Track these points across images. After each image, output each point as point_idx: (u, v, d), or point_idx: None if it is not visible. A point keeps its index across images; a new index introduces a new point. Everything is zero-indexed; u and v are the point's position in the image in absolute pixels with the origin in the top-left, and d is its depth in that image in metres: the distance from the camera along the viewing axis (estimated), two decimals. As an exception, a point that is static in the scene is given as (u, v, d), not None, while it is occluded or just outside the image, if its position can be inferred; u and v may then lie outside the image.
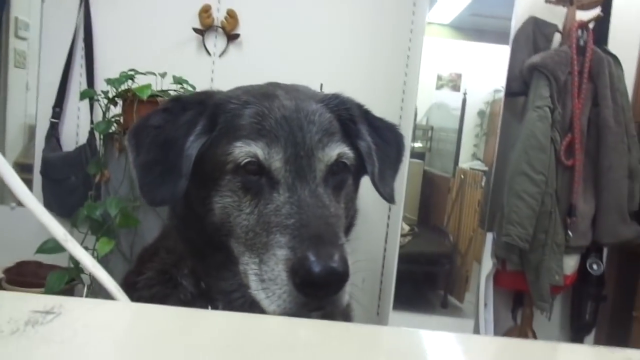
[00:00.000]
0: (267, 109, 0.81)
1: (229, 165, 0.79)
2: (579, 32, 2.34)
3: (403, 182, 2.45)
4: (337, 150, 0.83)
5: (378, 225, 2.79)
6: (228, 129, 0.81)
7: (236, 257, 0.80)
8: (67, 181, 2.50)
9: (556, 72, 2.26)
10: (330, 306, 0.72)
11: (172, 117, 0.84)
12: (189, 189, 0.82)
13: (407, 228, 2.63)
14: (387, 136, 0.98)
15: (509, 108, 2.52)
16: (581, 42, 2.33)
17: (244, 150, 0.77)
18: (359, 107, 0.96)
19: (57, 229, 0.50)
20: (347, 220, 0.90)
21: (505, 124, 2.51)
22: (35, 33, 2.85)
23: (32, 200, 0.50)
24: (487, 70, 2.79)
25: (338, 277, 0.69)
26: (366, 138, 0.93)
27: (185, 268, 0.89)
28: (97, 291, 2.06)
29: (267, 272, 0.72)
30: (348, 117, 0.91)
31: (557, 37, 2.47)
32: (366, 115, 0.97)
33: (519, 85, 2.41)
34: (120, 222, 2.11)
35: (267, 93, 0.86)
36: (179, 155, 0.80)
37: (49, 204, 2.55)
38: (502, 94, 2.51)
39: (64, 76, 2.69)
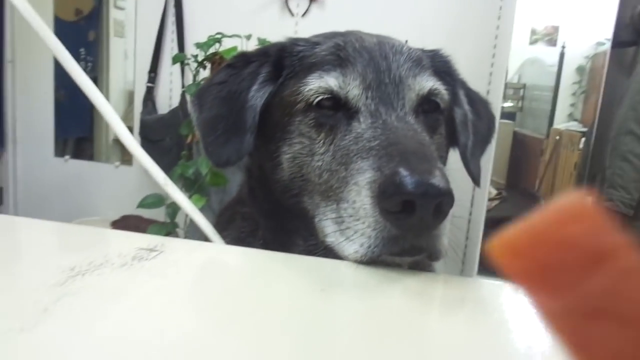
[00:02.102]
0: (342, 42, 0.72)
1: (299, 105, 0.70)
2: None
3: (492, 143, 2.34)
4: (431, 82, 0.72)
5: (463, 188, 2.70)
6: (296, 71, 0.74)
7: (311, 218, 0.69)
8: (162, 142, 2.66)
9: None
10: (428, 244, 0.57)
11: (236, 71, 0.77)
12: (257, 147, 0.75)
13: (494, 192, 2.53)
14: (480, 111, 0.88)
15: (615, 61, 2.29)
16: None
17: (315, 85, 0.68)
18: (457, 71, 0.87)
19: (159, 174, 0.53)
20: None
21: (609, 79, 2.29)
22: (132, 3, 3.01)
23: (138, 150, 0.54)
24: (588, 21, 2.54)
25: (439, 195, 0.53)
26: (463, 106, 0.84)
27: (260, 238, 0.81)
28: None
29: (347, 209, 0.60)
30: (445, 70, 0.82)
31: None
32: (463, 83, 0.87)
33: (629, 34, 2.18)
34: (210, 180, 2.23)
35: (340, 32, 0.79)
36: (242, 108, 0.73)
37: (147, 164, 2.74)
38: (605, 47, 2.28)
39: (158, 42, 2.83)
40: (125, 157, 2.94)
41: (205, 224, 0.56)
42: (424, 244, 0.57)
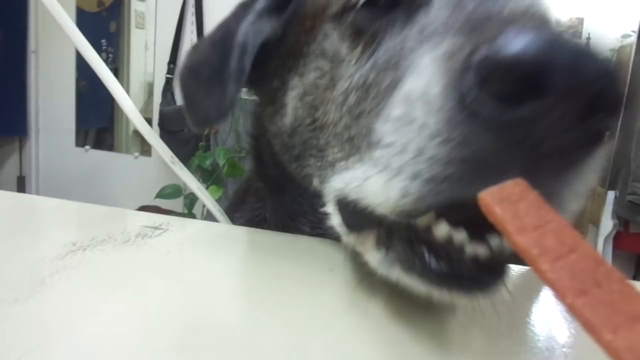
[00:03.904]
0: None
1: (332, 9, 0.49)
2: None
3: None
4: None
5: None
6: None
7: (316, 195, 0.50)
8: (180, 133, 2.68)
9: None
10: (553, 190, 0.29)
11: (232, 16, 0.58)
12: (260, 99, 0.59)
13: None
14: None
15: (642, 52, 2.22)
16: None
17: None
18: None
19: (165, 152, 0.52)
20: None
21: (636, 71, 2.22)
22: (153, -6, 3.03)
23: (146, 127, 0.53)
24: (614, 13, 2.46)
25: (601, 75, 0.27)
26: None
27: (271, 216, 0.63)
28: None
29: (389, 131, 0.34)
30: None
31: None
32: None
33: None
34: (227, 172, 2.23)
35: None
36: (229, 46, 0.53)
37: (166, 154, 2.77)
38: (631, 39, 2.21)
39: (177, 33, 2.85)
40: (145, 148, 2.97)
41: (211, 203, 0.55)
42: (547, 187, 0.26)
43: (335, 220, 0.43)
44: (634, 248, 2.33)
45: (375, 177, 0.34)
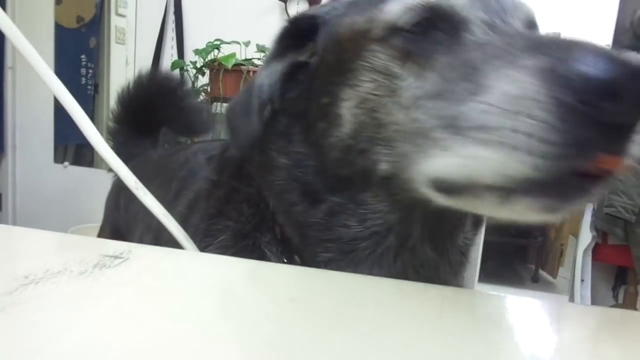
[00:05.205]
0: None
1: (374, 33, 0.56)
2: None
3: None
4: (532, 10, 0.59)
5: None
6: (339, 13, 0.63)
7: (383, 176, 0.56)
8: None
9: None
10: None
11: (260, 69, 0.69)
12: (301, 123, 0.65)
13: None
14: None
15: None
16: None
17: (402, 2, 0.54)
18: None
19: (129, 178, 0.51)
20: None
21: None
22: (132, 10, 3.02)
23: (107, 151, 0.52)
24: (589, 27, 2.52)
25: None
26: None
27: (268, 233, 0.67)
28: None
29: (491, 108, 0.43)
30: None
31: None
32: None
33: (628, 39, 2.17)
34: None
35: None
36: (252, 88, 0.65)
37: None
38: (608, 52, 2.26)
39: (157, 49, 2.84)
40: (125, 163, 2.93)
41: (176, 229, 0.54)
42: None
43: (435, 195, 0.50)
44: (612, 260, 2.35)
45: (486, 155, 0.43)
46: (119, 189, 1.21)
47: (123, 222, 1.16)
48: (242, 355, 0.33)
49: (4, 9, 0.63)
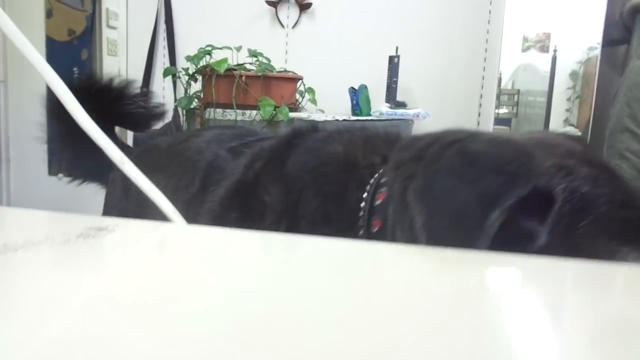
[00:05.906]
0: None
1: None
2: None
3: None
4: None
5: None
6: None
7: None
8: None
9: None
10: None
11: None
12: None
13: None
14: None
15: (607, 60, 2.28)
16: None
17: None
18: None
19: (115, 152, 0.51)
20: None
21: (602, 79, 2.28)
22: (123, 21, 3.03)
23: (93, 127, 0.51)
24: (580, 26, 2.54)
25: None
26: None
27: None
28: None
29: None
30: None
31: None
32: None
33: (619, 32, 2.17)
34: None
35: None
36: None
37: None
38: (597, 51, 2.27)
39: (149, 57, 2.85)
40: (119, 174, 2.92)
41: (164, 202, 0.53)
42: None
43: None
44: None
45: None
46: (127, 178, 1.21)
47: (134, 206, 1.15)
48: (227, 323, 0.32)
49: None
